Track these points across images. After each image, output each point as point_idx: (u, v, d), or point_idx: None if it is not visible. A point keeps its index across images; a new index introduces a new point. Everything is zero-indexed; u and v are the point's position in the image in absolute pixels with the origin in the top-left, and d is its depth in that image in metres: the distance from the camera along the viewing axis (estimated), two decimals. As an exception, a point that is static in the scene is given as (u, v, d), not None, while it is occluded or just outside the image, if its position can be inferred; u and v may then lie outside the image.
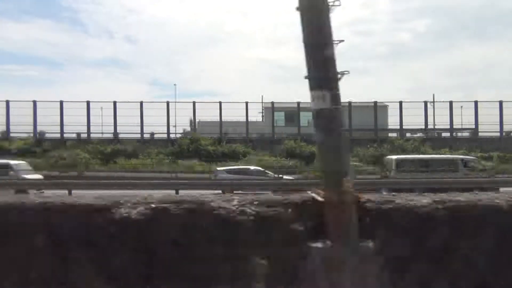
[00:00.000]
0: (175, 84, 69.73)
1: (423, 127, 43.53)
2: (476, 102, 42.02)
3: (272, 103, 42.48)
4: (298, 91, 67.89)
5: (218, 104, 40.55)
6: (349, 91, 68.19)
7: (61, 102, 39.61)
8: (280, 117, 45.42)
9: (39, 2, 76.03)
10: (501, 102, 41.08)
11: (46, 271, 2.51)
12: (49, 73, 72.77)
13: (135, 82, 72.21)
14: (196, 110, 41.48)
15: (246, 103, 41.54)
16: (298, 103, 41.53)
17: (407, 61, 73.41)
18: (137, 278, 2.49)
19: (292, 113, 44.25)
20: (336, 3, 2.59)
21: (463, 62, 71.39)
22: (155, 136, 40.77)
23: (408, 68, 71.65)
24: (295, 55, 72.17)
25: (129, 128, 39.55)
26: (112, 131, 39.98)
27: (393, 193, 2.82)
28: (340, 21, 48.33)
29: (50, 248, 2.51)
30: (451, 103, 42.10)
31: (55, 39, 71.82)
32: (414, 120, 42.54)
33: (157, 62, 77.13)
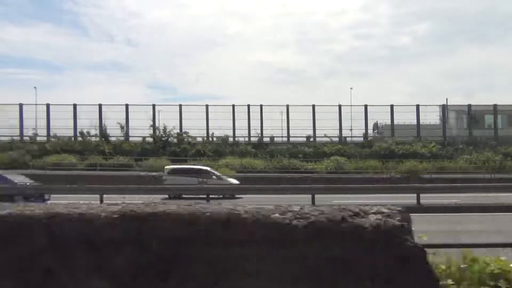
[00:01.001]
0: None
1: None
2: None
3: (469, 106, 41.67)
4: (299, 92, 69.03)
5: (415, 107, 40.59)
6: (349, 93, 65.82)
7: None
8: (463, 120, 43.90)
9: (40, 6, 75.66)
10: None
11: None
12: (49, 76, 71.40)
13: (135, 85, 71.61)
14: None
15: (444, 106, 41.46)
16: (495, 105, 41.05)
17: (407, 65, 72.44)
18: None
19: (475, 116, 43.20)
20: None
21: (463, 66, 70.60)
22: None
23: (408, 71, 71.11)
24: (296, 59, 71.62)
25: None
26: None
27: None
28: (340, 25, 51.11)
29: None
30: None
31: (56, 42, 71.09)
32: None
33: (157, 65, 76.34)
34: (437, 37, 72.62)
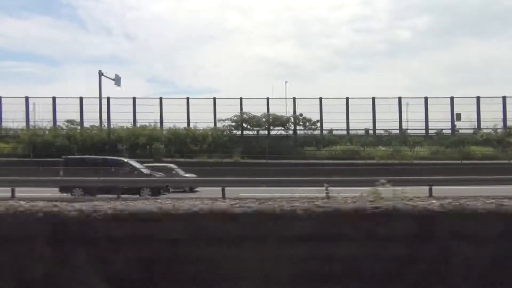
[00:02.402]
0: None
1: None
2: None
3: None
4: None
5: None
6: (349, 88, 67.40)
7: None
8: None
9: (40, -1, 76.80)
10: None
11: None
12: (47, 70, 71.30)
13: (134, 78, 69.46)
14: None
15: None
16: None
17: (407, 59, 72.38)
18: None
19: None
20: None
21: (463, 60, 70.76)
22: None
23: (407, 65, 70.62)
24: (295, 53, 71.16)
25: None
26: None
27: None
28: (340, 19, 51.48)
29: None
30: None
31: (53, 35, 71.29)
32: None
33: (156, 59, 76.86)
34: (437, 31, 72.65)
